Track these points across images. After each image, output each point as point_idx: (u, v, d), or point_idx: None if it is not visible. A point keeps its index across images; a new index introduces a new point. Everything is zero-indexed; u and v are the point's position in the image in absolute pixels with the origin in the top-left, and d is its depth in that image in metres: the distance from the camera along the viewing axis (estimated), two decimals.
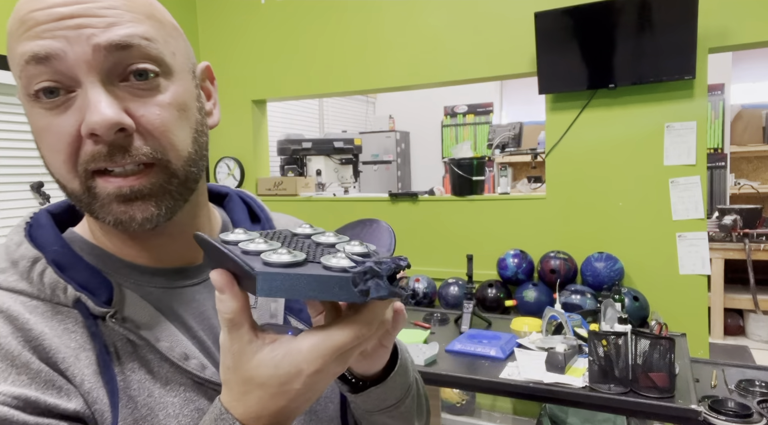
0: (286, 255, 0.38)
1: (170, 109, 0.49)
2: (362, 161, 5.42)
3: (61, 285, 0.49)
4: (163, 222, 0.51)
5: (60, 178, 0.49)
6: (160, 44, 0.49)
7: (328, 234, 0.46)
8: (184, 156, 0.51)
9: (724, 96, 4.55)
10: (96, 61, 0.46)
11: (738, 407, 1.47)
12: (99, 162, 0.47)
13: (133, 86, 0.48)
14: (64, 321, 0.49)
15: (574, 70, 2.41)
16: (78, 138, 0.47)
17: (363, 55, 2.96)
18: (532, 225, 2.64)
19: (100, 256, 0.55)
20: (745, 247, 3.62)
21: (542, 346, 1.85)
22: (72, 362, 0.47)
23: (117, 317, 0.49)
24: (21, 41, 0.46)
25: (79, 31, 0.45)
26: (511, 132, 3.74)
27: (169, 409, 0.49)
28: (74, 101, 0.46)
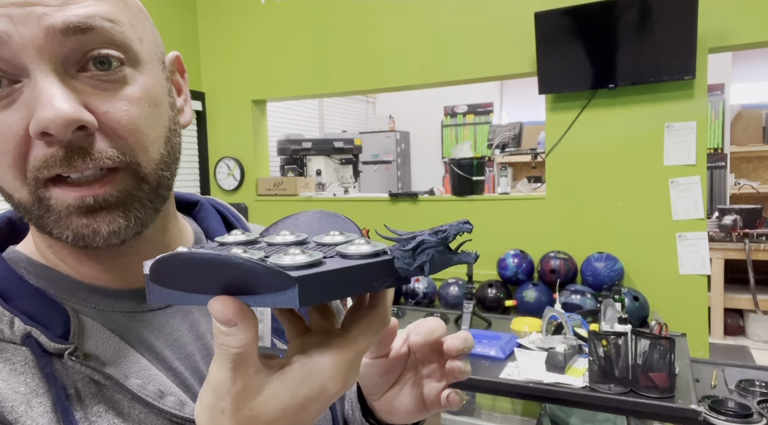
0: (302, 256, 0.32)
1: (140, 104, 0.41)
2: (362, 161, 5.41)
3: (6, 318, 0.41)
4: (132, 236, 0.42)
5: (4, 185, 0.41)
6: (125, 27, 0.41)
7: (284, 233, 0.38)
8: (156, 158, 0.43)
9: (724, 96, 4.55)
10: (48, 47, 0.37)
11: (738, 407, 1.47)
12: (54, 168, 0.38)
13: (94, 77, 0.39)
14: (10, 360, 0.40)
15: (574, 70, 2.41)
16: (26, 138, 0.38)
17: (363, 55, 2.96)
18: (532, 225, 2.64)
19: (52, 279, 0.45)
20: (745, 247, 3.62)
21: (542, 346, 1.85)
22: (23, 411, 0.38)
23: (77, 354, 0.41)
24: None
25: (27, 8, 0.37)
26: (511, 132, 3.74)
27: None
28: (20, 94, 0.38)
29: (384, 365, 0.50)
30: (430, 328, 0.48)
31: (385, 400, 0.52)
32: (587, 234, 2.51)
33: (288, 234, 0.38)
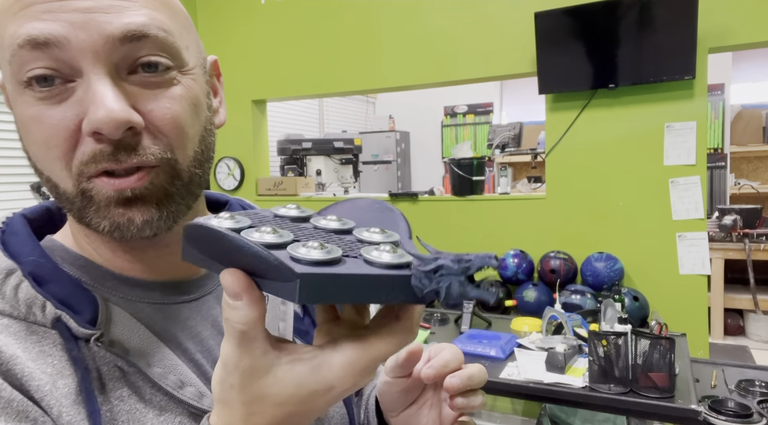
0: (318, 250, 0.31)
1: (181, 102, 0.44)
2: (362, 161, 5.41)
3: (38, 302, 0.42)
4: (164, 230, 0.45)
5: (51, 175, 0.43)
6: (175, 36, 0.44)
7: (330, 218, 0.37)
8: (191, 155, 0.46)
9: (724, 96, 4.55)
10: (105, 52, 0.40)
11: (738, 407, 1.47)
12: (101, 163, 0.41)
13: (143, 79, 0.42)
14: (40, 342, 0.42)
15: (574, 70, 2.41)
16: (76, 134, 0.41)
17: (363, 55, 2.96)
18: (532, 225, 2.64)
19: (85, 268, 0.47)
20: (745, 247, 3.62)
21: (542, 346, 1.85)
22: (48, 390, 0.40)
23: (103, 339, 0.42)
24: (15, 20, 0.39)
25: (88, 15, 0.39)
26: (511, 132, 3.74)
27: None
28: (72, 92, 0.40)
29: (405, 384, 0.51)
30: (445, 362, 0.48)
31: (402, 418, 0.53)
32: (587, 234, 2.52)
33: (335, 219, 0.37)
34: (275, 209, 0.38)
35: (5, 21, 0.40)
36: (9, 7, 0.40)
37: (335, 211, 0.42)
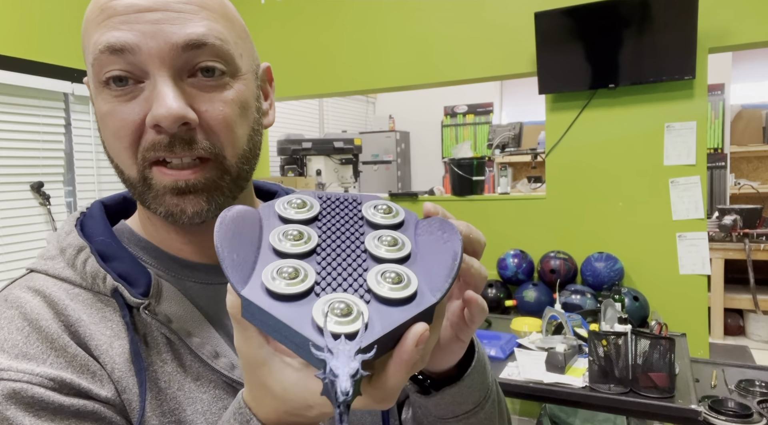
0: (282, 281, 0.32)
1: (232, 105, 0.49)
2: (362, 161, 5.41)
3: (101, 274, 0.49)
4: (212, 218, 0.49)
5: (119, 163, 0.50)
6: (230, 45, 0.49)
7: (400, 239, 0.38)
8: (239, 153, 0.51)
9: (724, 96, 4.55)
10: (169, 57, 0.46)
11: (738, 407, 1.47)
12: (159, 151, 0.47)
13: (200, 82, 0.48)
14: (102, 309, 0.49)
15: (574, 70, 2.41)
16: (141, 126, 0.47)
17: (363, 55, 2.96)
18: (532, 225, 2.64)
19: (145, 249, 0.55)
20: (745, 247, 3.62)
21: (542, 346, 1.85)
22: (105, 349, 0.47)
23: (150, 309, 0.49)
24: (98, 29, 0.46)
25: (156, 26, 0.45)
26: (511, 132, 3.74)
27: (198, 405, 0.49)
28: (141, 91, 0.47)
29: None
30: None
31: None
32: (587, 234, 2.52)
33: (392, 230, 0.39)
34: (283, 207, 0.39)
35: (90, 30, 0.47)
36: (94, 18, 0.47)
37: (417, 230, 0.41)
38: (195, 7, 0.47)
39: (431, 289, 0.34)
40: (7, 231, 2.41)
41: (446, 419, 0.52)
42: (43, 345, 0.46)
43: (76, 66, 2.68)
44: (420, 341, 0.31)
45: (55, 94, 2.60)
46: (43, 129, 2.57)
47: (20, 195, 2.48)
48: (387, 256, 0.36)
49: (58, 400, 0.43)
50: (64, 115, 2.67)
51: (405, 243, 0.38)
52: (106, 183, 2.88)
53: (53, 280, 0.50)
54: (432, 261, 0.37)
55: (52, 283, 0.50)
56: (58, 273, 0.51)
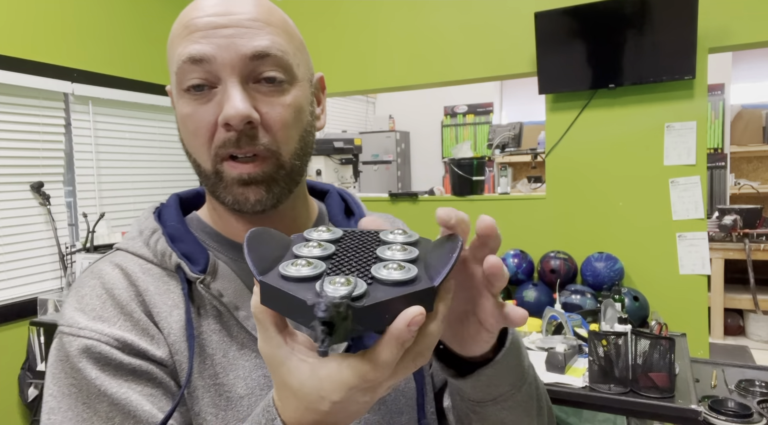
0: (295, 268, 0.36)
1: (289, 109, 0.57)
2: (362, 161, 5.41)
3: (168, 253, 0.59)
4: (270, 207, 0.58)
5: (197, 158, 0.58)
6: (290, 56, 0.58)
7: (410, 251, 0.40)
8: (292, 150, 0.59)
9: (724, 96, 4.55)
10: (239, 66, 0.54)
11: (738, 407, 1.47)
12: (228, 147, 0.55)
13: (263, 87, 0.56)
14: (167, 282, 0.59)
15: (574, 70, 2.41)
16: (214, 126, 0.55)
17: (363, 55, 2.96)
18: (532, 225, 2.64)
19: (210, 234, 0.64)
20: (745, 247, 3.62)
21: (542, 346, 1.85)
22: (165, 316, 0.57)
23: (206, 283, 0.57)
24: (182, 43, 0.55)
25: (229, 40, 0.54)
26: (511, 132, 3.74)
27: (240, 371, 0.56)
28: (215, 96, 0.55)
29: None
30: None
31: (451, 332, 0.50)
32: (587, 234, 2.51)
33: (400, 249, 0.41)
34: (308, 232, 0.44)
35: (175, 44, 0.57)
36: (179, 34, 0.56)
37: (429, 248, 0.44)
38: (261, 23, 0.56)
39: (431, 278, 0.36)
40: (7, 231, 2.41)
41: (484, 402, 0.54)
42: (115, 310, 0.55)
43: (76, 66, 2.68)
44: (413, 322, 0.33)
45: (55, 94, 2.60)
46: (43, 129, 2.57)
47: (20, 195, 2.48)
48: (394, 257, 0.39)
49: (120, 358, 0.53)
50: (64, 115, 2.67)
51: (413, 251, 0.40)
52: (106, 183, 2.88)
53: (131, 256, 0.61)
54: (435, 260, 0.39)
55: (131, 259, 0.60)
56: (135, 250, 0.61)
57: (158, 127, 3.20)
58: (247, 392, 0.56)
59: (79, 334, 0.53)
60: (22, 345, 2.48)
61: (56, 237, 2.60)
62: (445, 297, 0.38)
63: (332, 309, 0.32)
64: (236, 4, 0.56)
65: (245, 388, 0.56)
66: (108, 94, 2.83)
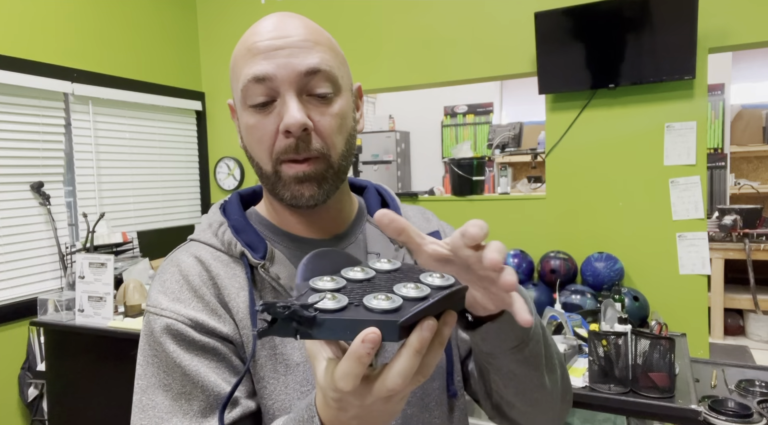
0: (324, 301, 0.42)
1: (336, 118, 0.65)
2: (362, 161, 5.42)
3: (233, 242, 0.68)
4: (321, 202, 0.67)
5: (259, 161, 0.67)
6: (335, 70, 0.66)
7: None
8: (339, 152, 0.66)
9: (724, 96, 4.55)
10: (295, 81, 0.63)
11: (738, 407, 1.47)
12: (289, 153, 0.64)
13: (315, 99, 0.64)
14: (234, 268, 0.68)
15: (574, 70, 2.41)
16: (275, 134, 0.64)
17: (363, 55, 2.96)
18: (532, 225, 2.64)
19: (267, 226, 0.73)
20: (745, 247, 3.62)
21: None
22: (233, 297, 0.66)
23: (265, 268, 0.67)
24: (247, 64, 0.64)
25: (286, 59, 0.63)
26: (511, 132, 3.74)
27: (295, 343, 0.66)
28: (275, 108, 0.64)
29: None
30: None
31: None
32: (587, 234, 2.51)
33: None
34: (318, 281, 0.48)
35: (240, 64, 0.65)
36: (243, 56, 0.65)
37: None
38: (311, 43, 0.64)
39: (406, 316, 0.40)
40: (7, 231, 2.41)
41: (494, 354, 0.62)
42: (190, 293, 0.66)
43: (76, 66, 2.68)
44: (366, 339, 0.39)
45: (55, 94, 2.61)
46: (43, 129, 2.57)
47: (20, 195, 2.48)
48: (403, 293, 0.44)
49: (192, 335, 0.63)
50: (64, 115, 2.67)
51: (424, 289, 0.44)
52: (106, 183, 2.88)
53: (203, 246, 0.70)
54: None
55: (203, 248, 0.70)
56: (206, 240, 0.70)
57: (158, 127, 3.19)
58: (302, 359, 0.65)
59: (161, 314, 0.64)
60: (22, 345, 2.48)
61: (56, 237, 2.60)
62: (420, 333, 0.41)
63: (271, 306, 0.40)
64: (290, 28, 0.65)
65: (300, 356, 0.65)
66: (108, 94, 2.83)
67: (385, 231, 0.51)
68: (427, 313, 0.41)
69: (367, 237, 0.77)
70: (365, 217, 0.79)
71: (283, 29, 0.64)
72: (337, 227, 0.74)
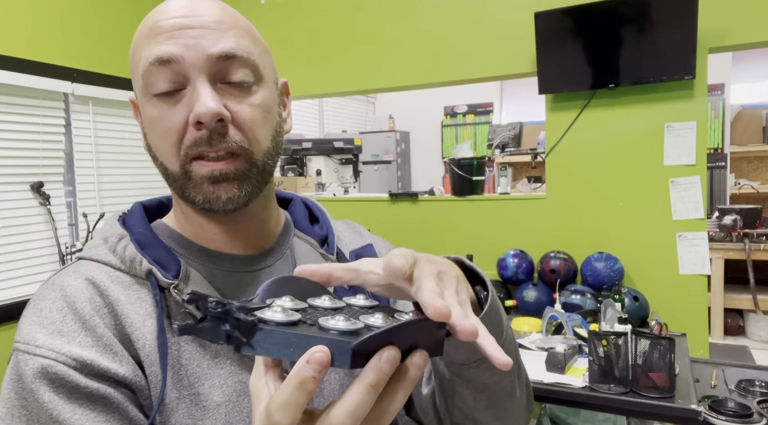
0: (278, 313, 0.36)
1: (258, 109, 0.58)
2: (362, 161, 5.41)
3: (138, 259, 0.57)
4: (242, 205, 0.58)
5: (164, 160, 0.58)
6: (256, 57, 0.59)
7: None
8: (264, 149, 0.59)
9: (724, 96, 4.55)
10: (206, 66, 0.55)
11: (738, 407, 1.47)
12: (200, 146, 0.55)
13: (232, 87, 0.57)
14: (138, 291, 0.56)
15: (574, 70, 2.41)
16: (184, 126, 0.55)
17: (363, 55, 2.96)
18: (532, 225, 2.64)
19: (177, 240, 0.63)
20: (745, 247, 3.62)
21: (542, 346, 1.85)
22: (138, 327, 0.54)
23: (179, 288, 0.56)
24: (148, 45, 0.55)
25: (196, 40, 0.55)
26: (511, 132, 3.74)
27: (215, 380, 0.55)
28: (183, 97, 0.55)
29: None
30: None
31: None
32: (587, 234, 2.51)
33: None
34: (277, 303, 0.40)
35: (141, 46, 0.56)
36: (144, 37, 0.56)
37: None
38: (227, 26, 0.57)
39: (362, 338, 0.34)
40: (7, 231, 2.41)
41: (467, 365, 0.55)
42: (75, 324, 0.52)
43: (76, 66, 2.68)
44: (311, 360, 0.32)
45: (55, 94, 2.60)
46: (43, 129, 2.57)
47: (20, 195, 2.48)
48: (368, 321, 0.36)
49: (77, 380, 0.49)
50: (64, 115, 2.67)
51: (395, 322, 0.37)
52: (106, 183, 2.88)
53: (97, 265, 0.58)
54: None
55: (96, 267, 0.58)
56: (101, 258, 0.58)
57: None
58: (223, 400, 0.55)
59: (35, 353, 0.50)
60: None
61: (56, 238, 2.60)
62: (378, 363, 0.33)
63: (201, 298, 0.35)
64: (202, 7, 0.56)
65: (221, 396, 0.55)
66: (108, 94, 2.83)
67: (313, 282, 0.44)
68: (388, 341, 0.34)
69: (296, 254, 0.67)
70: (292, 231, 0.70)
71: (194, 8, 0.56)
72: (262, 241, 0.65)
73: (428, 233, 2.86)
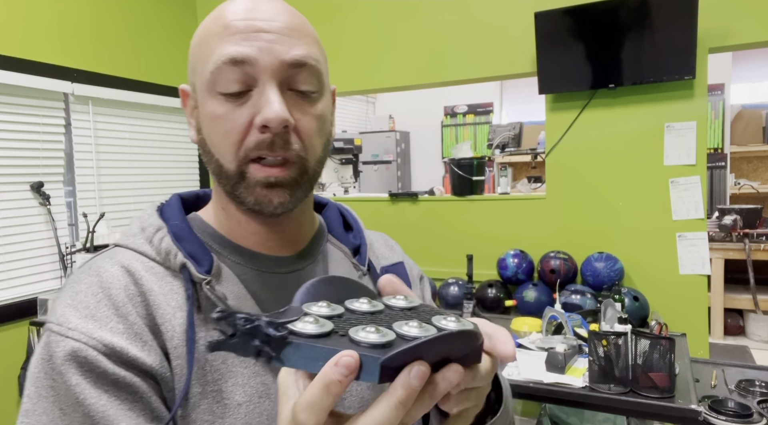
0: (313, 325, 0.36)
1: (318, 119, 0.59)
2: (362, 161, 5.41)
3: (173, 252, 0.57)
4: (290, 210, 0.59)
5: (220, 158, 0.58)
6: (321, 66, 0.59)
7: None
8: (316, 157, 0.60)
9: (724, 96, 4.55)
10: (278, 71, 0.55)
11: (738, 407, 1.47)
12: (261, 149, 0.55)
13: (297, 95, 0.57)
14: (171, 283, 0.57)
15: (574, 70, 2.41)
16: (247, 128, 0.55)
17: (363, 55, 2.96)
18: (532, 225, 2.64)
19: (213, 236, 0.63)
20: (745, 247, 3.62)
21: (542, 346, 1.85)
22: (169, 318, 0.55)
23: (210, 284, 0.57)
24: (221, 43, 0.55)
25: (270, 44, 0.55)
26: (511, 132, 3.74)
27: (238, 378, 0.55)
28: (249, 98, 0.55)
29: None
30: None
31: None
32: (587, 234, 2.51)
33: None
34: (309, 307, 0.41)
35: (212, 43, 0.56)
36: (217, 33, 0.56)
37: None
38: (299, 33, 0.57)
39: (391, 353, 0.33)
40: (7, 231, 2.41)
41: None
42: (109, 310, 0.53)
43: (76, 66, 2.68)
44: (339, 363, 0.32)
45: (55, 94, 2.60)
46: (43, 129, 2.57)
47: (20, 195, 2.48)
48: (401, 330, 0.36)
49: (105, 366, 0.50)
50: (64, 115, 2.67)
51: (429, 330, 0.36)
52: (106, 183, 2.88)
53: (133, 254, 0.58)
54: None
55: (132, 256, 0.58)
56: (137, 247, 0.59)
57: (158, 127, 3.19)
58: (245, 399, 0.55)
59: (67, 335, 0.51)
60: (22, 345, 2.48)
61: (56, 238, 2.60)
62: (407, 379, 0.33)
63: (230, 315, 0.35)
64: (276, 12, 0.57)
65: (243, 395, 0.55)
66: (108, 94, 2.83)
67: (383, 292, 0.45)
68: (418, 356, 0.33)
69: (329, 259, 0.68)
70: (326, 236, 0.70)
71: (268, 12, 0.56)
72: (297, 243, 0.65)
73: (428, 233, 2.86)
